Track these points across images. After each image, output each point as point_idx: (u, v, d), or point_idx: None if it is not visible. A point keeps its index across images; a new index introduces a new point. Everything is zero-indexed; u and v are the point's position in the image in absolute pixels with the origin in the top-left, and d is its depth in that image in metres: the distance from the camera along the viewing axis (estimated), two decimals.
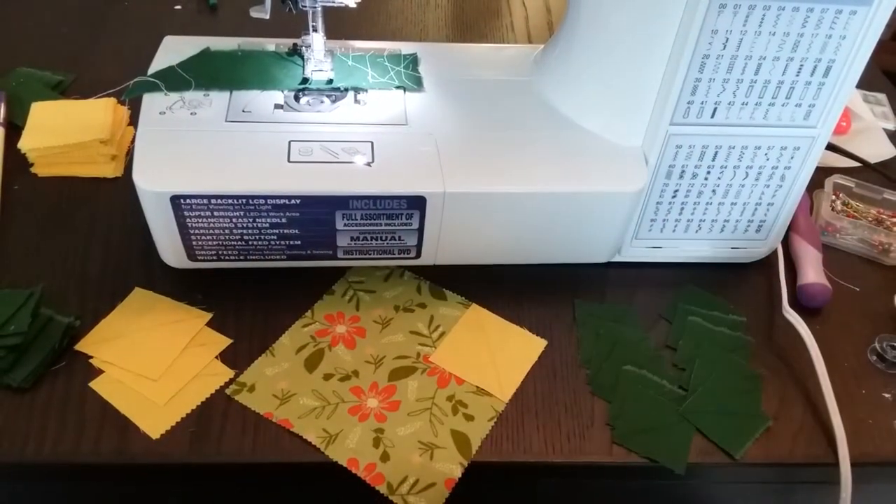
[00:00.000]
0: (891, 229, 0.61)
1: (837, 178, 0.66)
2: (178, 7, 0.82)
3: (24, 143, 0.60)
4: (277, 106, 0.53)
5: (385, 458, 0.44)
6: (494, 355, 0.51)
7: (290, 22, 0.56)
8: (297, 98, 0.54)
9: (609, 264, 0.58)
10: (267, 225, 0.50)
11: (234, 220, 0.49)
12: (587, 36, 0.52)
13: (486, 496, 0.50)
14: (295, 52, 0.57)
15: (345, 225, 0.50)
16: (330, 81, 0.55)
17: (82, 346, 0.49)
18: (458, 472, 0.44)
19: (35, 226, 0.57)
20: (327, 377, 0.49)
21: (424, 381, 0.49)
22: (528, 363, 0.50)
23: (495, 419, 0.47)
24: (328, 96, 0.54)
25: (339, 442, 0.45)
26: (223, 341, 0.50)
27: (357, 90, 0.55)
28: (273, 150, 0.49)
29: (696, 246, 0.58)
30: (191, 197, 0.47)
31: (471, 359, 0.50)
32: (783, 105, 0.50)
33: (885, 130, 0.75)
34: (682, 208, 0.55)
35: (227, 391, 0.48)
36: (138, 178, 0.47)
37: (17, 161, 0.60)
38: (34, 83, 0.68)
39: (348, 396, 0.48)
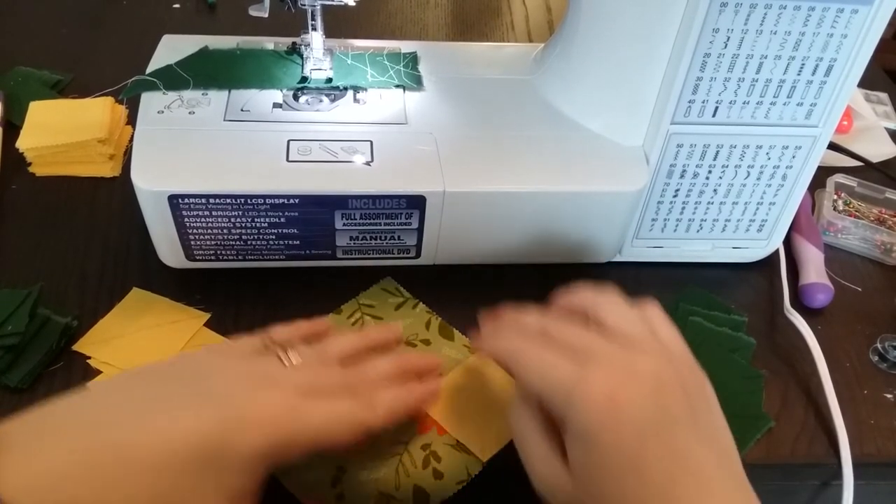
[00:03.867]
0: (893, 229, 0.61)
1: (839, 178, 0.65)
2: (177, 6, 0.82)
3: (22, 143, 0.60)
4: (276, 105, 0.52)
5: (340, 499, 0.41)
6: (486, 411, 0.46)
7: (289, 20, 0.56)
8: (295, 97, 0.53)
9: (610, 264, 0.58)
10: (266, 225, 0.49)
11: (232, 219, 0.49)
12: (587, 35, 0.52)
13: None
14: (294, 50, 0.57)
15: (344, 224, 0.50)
16: (329, 80, 0.55)
17: (80, 346, 0.49)
18: None
19: (33, 225, 0.56)
20: None
21: (404, 423, 0.44)
22: None
23: (464, 484, 0.43)
24: (327, 95, 0.54)
25: (297, 473, 0.42)
26: (221, 342, 0.50)
27: (356, 89, 0.54)
28: (272, 150, 0.49)
29: (697, 246, 0.58)
30: (189, 196, 0.47)
31: (460, 409, 0.46)
32: (784, 104, 0.50)
33: (887, 130, 0.75)
34: (683, 208, 0.55)
35: None
36: (136, 177, 0.47)
37: (15, 160, 0.60)
38: (32, 82, 0.68)
39: None
